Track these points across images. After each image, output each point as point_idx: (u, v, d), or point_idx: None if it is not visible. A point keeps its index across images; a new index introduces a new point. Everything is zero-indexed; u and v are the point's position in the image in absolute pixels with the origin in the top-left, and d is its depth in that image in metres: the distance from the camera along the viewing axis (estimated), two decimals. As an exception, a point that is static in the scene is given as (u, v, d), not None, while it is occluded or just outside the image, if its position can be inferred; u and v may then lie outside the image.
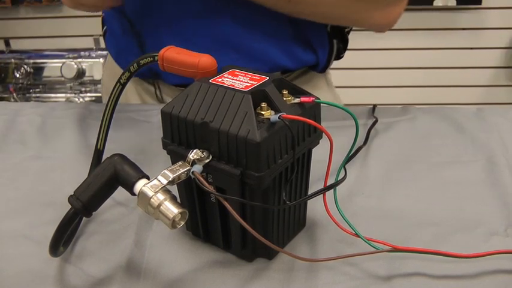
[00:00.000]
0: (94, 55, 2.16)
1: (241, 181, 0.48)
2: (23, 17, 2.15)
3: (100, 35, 2.11)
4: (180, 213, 0.47)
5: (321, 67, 0.89)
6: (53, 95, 2.21)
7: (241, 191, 0.49)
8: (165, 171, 0.48)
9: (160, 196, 0.46)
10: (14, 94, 2.20)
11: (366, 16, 0.80)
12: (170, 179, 0.47)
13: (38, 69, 2.17)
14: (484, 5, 2.00)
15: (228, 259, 0.56)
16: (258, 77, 0.51)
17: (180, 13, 0.80)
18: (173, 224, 0.47)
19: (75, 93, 2.20)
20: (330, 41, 0.87)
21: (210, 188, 0.47)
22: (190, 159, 0.49)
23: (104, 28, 0.96)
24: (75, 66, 2.12)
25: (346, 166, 0.53)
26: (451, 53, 2.08)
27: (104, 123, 0.61)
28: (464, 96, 2.16)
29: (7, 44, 2.20)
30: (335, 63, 0.93)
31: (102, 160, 0.54)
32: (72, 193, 0.49)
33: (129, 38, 0.85)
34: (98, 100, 2.17)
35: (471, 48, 2.08)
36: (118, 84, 0.58)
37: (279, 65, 0.85)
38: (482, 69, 2.13)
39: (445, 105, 0.88)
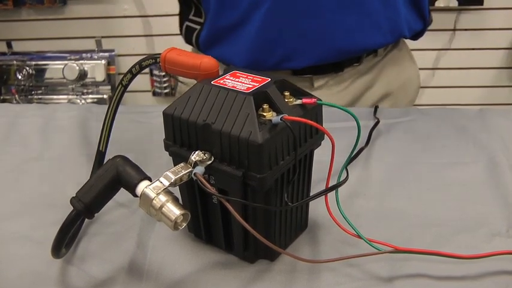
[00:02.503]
0: (96, 57, 2.16)
1: (243, 182, 0.48)
2: (24, 18, 2.16)
3: (102, 37, 2.13)
4: (182, 214, 0.47)
5: (421, 35, 0.94)
6: (55, 96, 2.22)
7: (243, 192, 0.49)
8: (167, 172, 0.48)
9: (163, 198, 0.47)
10: (16, 96, 2.20)
11: None
12: (172, 181, 0.47)
13: (40, 71, 2.18)
14: (485, 5, 2.00)
15: (230, 260, 0.56)
16: (260, 78, 0.51)
17: None
18: (175, 225, 0.47)
19: (77, 95, 2.20)
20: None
21: (212, 190, 0.47)
22: (192, 160, 0.49)
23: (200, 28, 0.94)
24: (77, 67, 2.13)
25: (348, 167, 0.53)
26: (452, 54, 2.08)
27: (106, 124, 0.61)
28: (467, 96, 2.15)
29: (9, 45, 2.20)
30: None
31: (104, 162, 0.54)
32: (75, 195, 0.49)
33: None
34: (99, 102, 2.18)
35: (473, 49, 2.08)
36: (120, 86, 0.58)
37: (400, 33, 0.90)
38: (484, 69, 2.13)
39: (447, 106, 0.88)
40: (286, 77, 0.88)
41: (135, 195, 0.48)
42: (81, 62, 2.15)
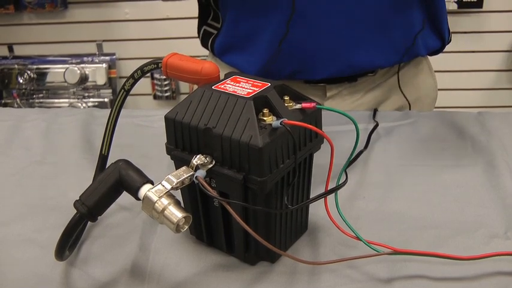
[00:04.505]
0: (97, 60, 2.17)
1: (243, 186, 0.49)
2: (26, 22, 2.16)
3: (103, 40, 2.14)
4: (184, 217, 0.47)
5: (438, 52, 0.94)
6: (56, 100, 2.22)
7: (244, 195, 0.50)
8: (169, 176, 0.49)
9: (165, 201, 0.47)
10: (18, 99, 2.21)
11: None
12: (174, 184, 0.48)
13: (41, 75, 2.19)
14: (485, 8, 2.01)
15: (231, 262, 0.56)
16: (260, 83, 0.52)
17: None
18: (177, 228, 0.47)
19: (78, 99, 2.21)
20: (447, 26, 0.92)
21: (213, 193, 0.48)
22: (193, 164, 0.50)
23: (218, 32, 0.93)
24: (78, 71, 2.14)
25: (347, 170, 0.54)
26: (452, 57, 2.08)
27: (108, 128, 0.62)
28: (466, 99, 2.16)
29: (10, 49, 2.21)
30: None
31: (107, 165, 0.54)
32: (78, 198, 0.50)
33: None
34: (100, 105, 2.19)
35: (472, 52, 2.09)
36: (122, 90, 0.59)
37: (416, 52, 0.90)
38: (484, 72, 2.13)
39: (446, 109, 0.88)
40: (298, 85, 0.89)
41: (138, 199, 0.49)
42: (82, 65, 2.16)
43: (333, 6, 0.79)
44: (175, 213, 0.47)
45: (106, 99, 2.20)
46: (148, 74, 2.17)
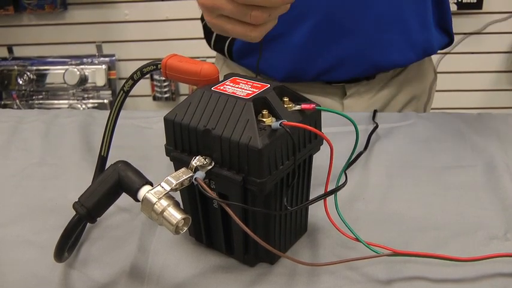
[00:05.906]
0: (96, 61, 2.17)
1: (243, 187, 0.49)
2: (25, 24, 2.16)
3: (102, 42, 2.14)
4: (183, 218, 0.47)
5: (447, 47, 0.96)
6: (55, 101, 2.22)
7: (243, 196, 0.50)
8: (168, 177, 0.49)
9: (164, 202, 0.47)
10: (17, 101, 2.21)
11: None
12: (173, 186, 0.48)
13: (41, 76, 2.19)
14: (484, 9, 2.01)
15: (230, 264, 0.56)
16: (259, 84, 0.52)
17: None
18: (176, 229, 0.47)
19: (77, 100, 2.21)
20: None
21: (212, 194, 0.48)
22: (193, 165, 0.50)
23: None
24: (78, 72, 2.14)
25: (346, 171, 0.54)
26: (452, 58, 2.08)
27: (107, 130, 0.61)
28: (466, 100, 2.16)
29: (10, 51, 2.21)
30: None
31: (106, 167, 0.54)
32: (77, 199, 0.50)
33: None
34: (100, 106, 2.19)
35: (472, 53, 2.09)
36: (121, 92, 0.59)
37: (431, 51, 0.92)
38: (483, 73, 2.13)
39: (446, 110, 0.89)
40: (318, 85, 0.91)
41: (137, 200, 0.49)
42: (81, 67, 2.16)
43: (360, 10, 0.80)
44: (175, 215, 0.47)
45: (105, 101, 2.20)
46: (148, 75, 2.17)
